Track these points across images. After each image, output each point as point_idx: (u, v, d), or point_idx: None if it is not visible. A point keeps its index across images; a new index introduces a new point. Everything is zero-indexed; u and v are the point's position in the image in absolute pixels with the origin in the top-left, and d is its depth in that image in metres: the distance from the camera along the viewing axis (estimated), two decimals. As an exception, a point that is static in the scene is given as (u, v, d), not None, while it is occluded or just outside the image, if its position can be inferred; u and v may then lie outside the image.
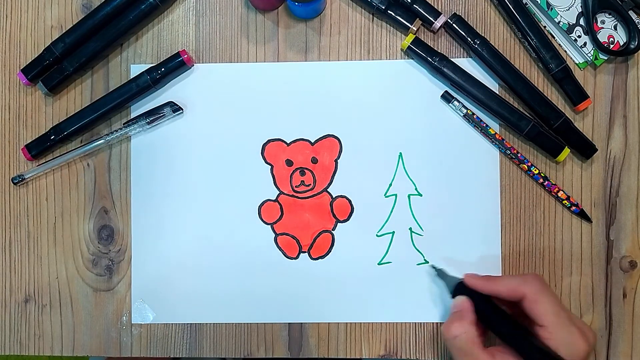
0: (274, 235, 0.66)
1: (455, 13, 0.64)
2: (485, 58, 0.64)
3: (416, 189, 0.65)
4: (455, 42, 0.65)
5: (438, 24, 0.64)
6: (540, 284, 0.56)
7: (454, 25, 0.64)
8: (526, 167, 0.64)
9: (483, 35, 0.64)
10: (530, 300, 0.55)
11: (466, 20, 0.64)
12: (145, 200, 0.66)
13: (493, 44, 0.64)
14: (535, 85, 0.64)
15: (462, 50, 0.65)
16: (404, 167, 0.65)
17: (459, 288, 0.59)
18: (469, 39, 0.64)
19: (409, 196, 0.65)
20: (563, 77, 0.64)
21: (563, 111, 0.64)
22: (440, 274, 0.63)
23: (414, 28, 0.64)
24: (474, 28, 0.64)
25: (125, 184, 0.66)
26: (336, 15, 0.66)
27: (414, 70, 0.65)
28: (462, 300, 0.58)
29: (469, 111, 0.64)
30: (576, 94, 0.64)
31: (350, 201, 0.65)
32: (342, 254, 0.65)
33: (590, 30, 0.64)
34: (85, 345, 0.66)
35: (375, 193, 0.65)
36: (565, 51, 0.65)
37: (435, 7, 0.65)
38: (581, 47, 0.64)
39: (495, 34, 0.65)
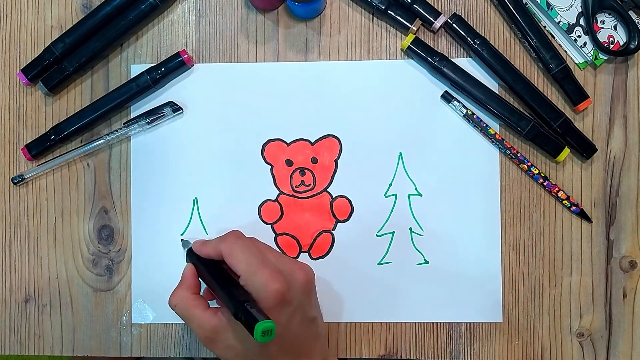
0: (274, 235, 0.66)
1: (455, 13, 0.64)
2: (485, 58, 0.63)
3: (416, 189, 0.65)
4: (455, 42, 0.65)
5: (438, 24, 0.64)
6: (234, 238, 0.57)
7: (454, 25, 0.64)
8: (526, 167, 0.64)
9: (483, 35, 0.64)
10: (226, 255, 0.56)
11: (466, 20, 0.64)
12: (145, 200, 0.66)
13: (493, 44, 0.64)
14: (535, 85, 0.64)
15: (462, 50, 0.65)
16: (404, 167, 0.65)
17: (189, 254, 0.60)
18: (469, 39, 0.64)
19: (409, 196, 0.65)
20: (563, 77, 0.64)
21: (563, 111, 0.64)
22: (184, 244, 0.64)
23: (414, 28, 0.64)
24: (474, 28, 0.64)
25: (125, 184, 0.66)
26: (336, 15, 0.66)
27: (414, 70, 0.65)
28: (185, 267, 0.59)
29: (469, 111, 0.64)
30: (576, 94, 0.64)
31: (350, 201, 0.65)
32: (342, 254, 0.65)
33: (590, 30, 0.64)
34: (85, 345, 0.66)
35: (375, 193, 0.65)
36: (565, 51, 0.65)
37: (435, 7, 0.65)
38: (581, 47, 0.64)
39: (495, 34, 0.65)
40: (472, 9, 0.65)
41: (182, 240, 0.65)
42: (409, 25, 0.64)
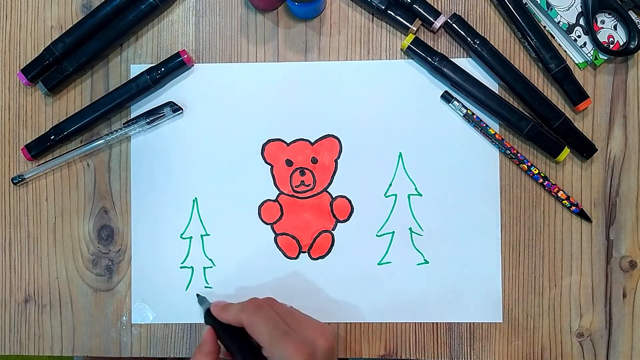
0: (274, 235, 0.66)
1: (455, 13, 0.64)
2: (485, 58, 0.64)
3: (416, 189, 0.65)
4: (455, 42, 0.65)
5: (438, 24, 0.64)
6: (255, 308, 0.56)
7: (453, 25, 0.64)
8: (526, 167, 0.64)
9: (483, 35, 0.64)
10: (247, 325, 0.55)
11: (466, 20, 0.64)
12: (145, 200, 0.66)
13: (493, 44, 0.64)
14: (535, 85, 0.64)
15: (462, 50, 0.65)
16: (404, 167, 0.65)
17: (208, 314, 0.60)
18: (468, 39, 0.64)
19: (409, 196, 0.65)
20: (563, 77, 0.64)
21: (563, 111, 0.64)
22: (200, 300, 0.63)
23: (413, 28, 0.64)
24: (474, 28, 0.64)
25: (125, 184, 0.66)
26: (336, 15, 0.66)
27: (414, 70, 0.65)
28: (205, 331, 0.59)
29: (469, 111, 0.64)
30: (576, 94, 0.64)
31: (350, 201, 0.65)
32: (342, 254, 0.65)
33: (590, 30, 0.64)
34: (85, 345, 0.66)
35: (375, 193, 0.65)
36: (565, 51, 0.65)
37: (435, 7, 0.65)
38: (581, 47, 0.64)
39: (495, 34, 0.65)
40: (472, 9, 0.66)
41: (198, 296, 0.64)
42: (409, 25, 0.64)
